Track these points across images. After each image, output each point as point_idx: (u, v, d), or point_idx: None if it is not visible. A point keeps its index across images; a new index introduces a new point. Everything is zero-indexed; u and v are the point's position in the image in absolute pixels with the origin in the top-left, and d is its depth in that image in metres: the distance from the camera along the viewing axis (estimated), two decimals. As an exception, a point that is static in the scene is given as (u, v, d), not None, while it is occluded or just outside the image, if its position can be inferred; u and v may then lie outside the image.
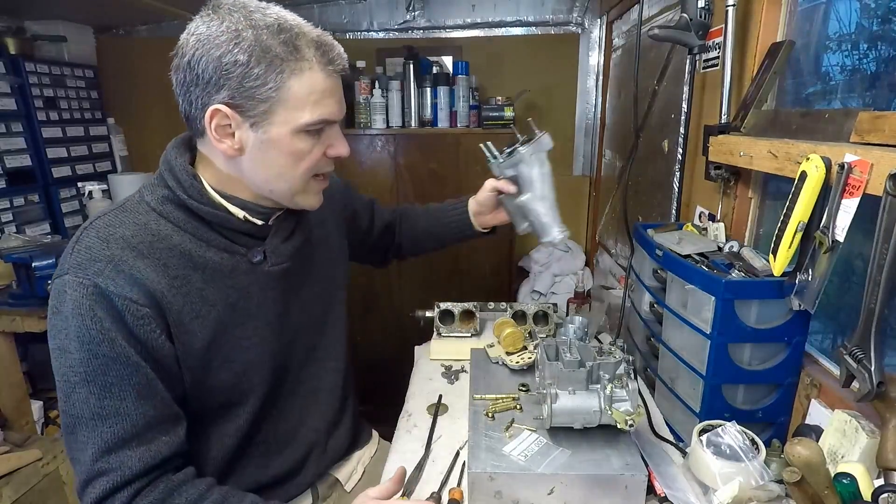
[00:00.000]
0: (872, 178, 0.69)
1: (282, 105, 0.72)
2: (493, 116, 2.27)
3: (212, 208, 0.78)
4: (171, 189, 0.78)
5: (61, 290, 0.71)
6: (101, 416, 0.69)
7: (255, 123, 0.73)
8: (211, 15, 0.71)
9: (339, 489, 1.05)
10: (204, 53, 0.69)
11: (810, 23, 1.05)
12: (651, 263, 1.13)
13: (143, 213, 0.77)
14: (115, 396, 0.70)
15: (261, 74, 0.70)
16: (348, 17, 2.66)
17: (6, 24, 2.36)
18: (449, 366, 1.27)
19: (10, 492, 1.45)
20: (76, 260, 0.71)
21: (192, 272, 0.77)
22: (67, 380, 0.70)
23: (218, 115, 0.72)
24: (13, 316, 1.72)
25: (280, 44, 0.70)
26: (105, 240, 0.73)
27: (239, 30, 0.69)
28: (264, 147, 0.75)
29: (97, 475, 0.69)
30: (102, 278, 0.70)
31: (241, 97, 0.71)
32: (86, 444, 0.69)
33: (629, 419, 0.81)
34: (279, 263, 0.86)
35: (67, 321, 0.69)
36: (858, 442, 0.72)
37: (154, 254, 0.74)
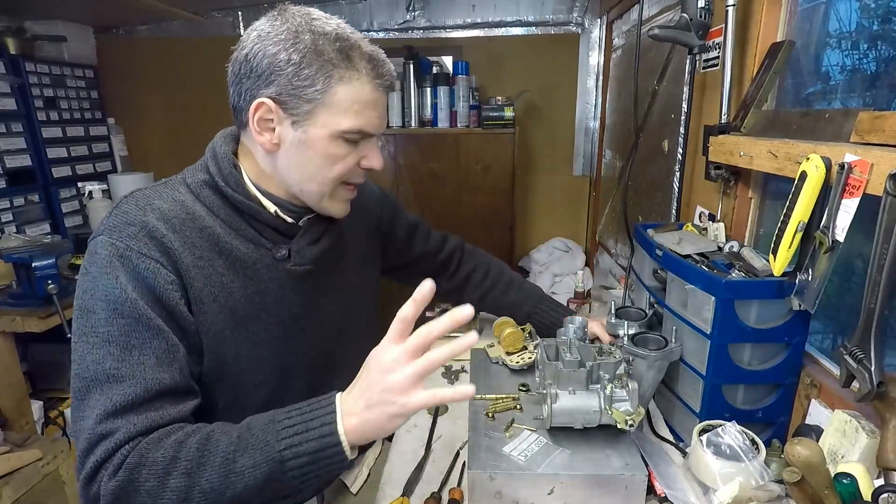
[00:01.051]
0: (872, 178, 0.69)
1: (325, 108, 0.75)
2: (493, 116, 2.27)
3: (245, 198, 0.81)
4: (211, 174, 0.81)
5: (93, 250, 0.73)
6: (117, 378, 0.68)
7: (296, 122, 0.76)
8: (276, 16, 0.76)
9: (345, 492, 1.05)
10: (261, 48, 0.73)
11: (810, 23, 1.05)
12: (651, 263, 1.13)
13: (181, 192, 0.81)
14: (134, 360, 0.69)
15: (310, 75, 0.73)
16: (348, 17, 2.66)
17: (6, 24, 2.36)
18: (449, 366, 1.27)
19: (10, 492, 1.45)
20: (112, 222, 0.74)
21: (217, 257, 0.79)
22: (87, 340, 0.69)
23: (262, 108, 0.75)
24: (13, 316, 1.72)
25: (335, 51, 0.74)
26: (142, 207, 0.76)
27: (298, 32, 0.73)
28: (301, 146, 0.78)
29: (100, 439, 0.66)
30: (135, 241, 0.72)
31: (287, 94, 0.74)
32: (93, 408, 0.67)
33: (629, 419, 0.81)
34: (302, 265, 0.86)
35: (95, 281, 0.71)
36: (858, 442, 0.72)
37: (184, 231, 0.77)
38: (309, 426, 0.65)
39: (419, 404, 0.64)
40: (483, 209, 2.40)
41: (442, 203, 2.40)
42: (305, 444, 0.64)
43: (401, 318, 0.68)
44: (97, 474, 0.66)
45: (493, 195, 2.38)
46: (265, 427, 0.66)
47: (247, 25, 2.70)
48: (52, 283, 1.69)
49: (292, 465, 0.64)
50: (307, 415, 0.66)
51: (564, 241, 2.76)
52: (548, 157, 2.79)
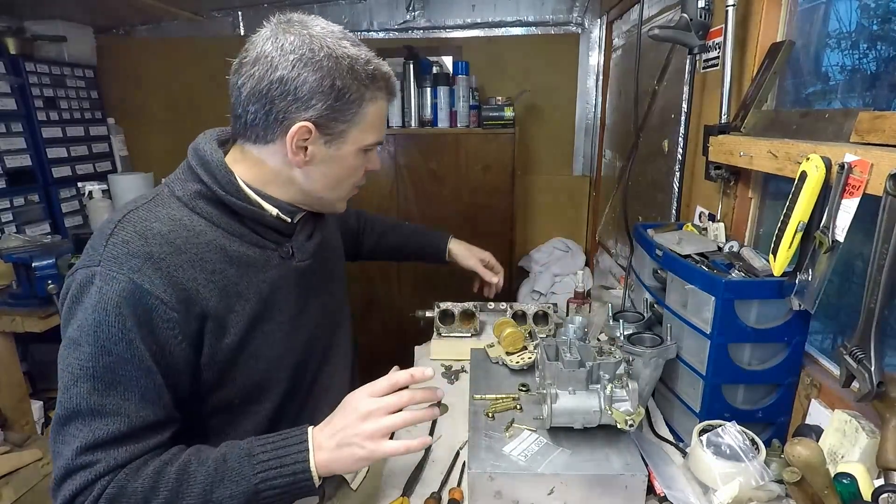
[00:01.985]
0: (872, 178, 0.69)
1: (356, 126, 0.80)
2: (493, 116, 2.27)
3: (247, 203, 0.81)
4: (204, 184, 0.79)
5: (87, 281, 0.70)
6: (100, 413, 0.68)
7: (329, 141, 0.80)
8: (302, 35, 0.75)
9: (345, 487, 1.05)
10: (302, 71, 0.74)
11: (810, 23, 1.05)
12: (651, 263, 1.13)
13: (175, 207, 0.78)
14: (119, 396, 0.69)
15: (351, 99, 0.77)
16: (348, 17, 2.66)
17: (6, 24, 2.36)
18: (449, 366, 1.27)
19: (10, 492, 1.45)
20: (112, 253, 0.71)
21: (228, 266, 0.79)
22: (72, 371, 0.68)
23: (302, 130, 0.76)
24: (13, 316, 1.72)
25: (368, 74, 0.78)
26: (143, 235, 0.73)
27: (339, 57, 0.75)
28: (330, 161, 0.82)
29: (78, 469, 0.67)
30: (139, 275, 0.70)
31: (327, 117, 0.77)
32: (74, 437, 0.68)
33: (629, 419, 0.81)
34: (305, 259, 0.90)
35: (86, 313, 0.68)
36: (858, 442, 0.72)
37: (191, 249, 0.75)
38: (283, 462, 0.71)
39: (386, 453, 0.72)
40: (483, 209, 2.40)
41: (442, 203, 2.40)
42: (280, 478, 0.70)
43: (392, 381, 0.76)
44: (74, 501, 0.67)
45: (493, 195, 2.38)
46: (241, 460, 0.71)
47: (247, 25, 2.70)
48: (52, 283, 1.69)
49: (266, 495, 0.70)
50: (281, 450, 0.72)
51: (564, 241, 2.76)
52: (548, 157, 2.79)
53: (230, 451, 0.72)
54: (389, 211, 2.41)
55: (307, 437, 0.73)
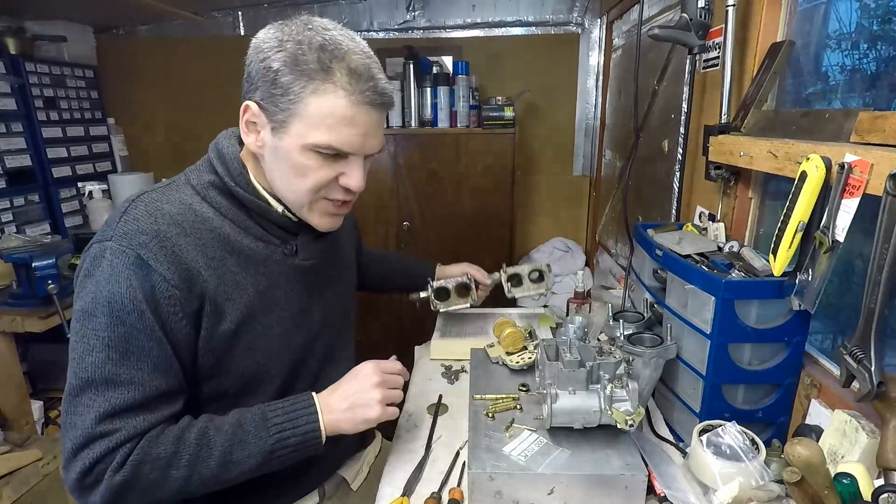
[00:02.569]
0: (872, 178, 0.69)
1: (298, 118, 0.75)
2: (493, 116, 2.27)
3: (255, 197, 0.83)
4: (218, 175, 0.82)
5: (99, 254, 0.73)
6: (115, 383, 0.71)
7: (274, 128, 0.77)
8: (277, 26, 0.78)
9: (345, 488, 1.06)
10: (255, 55, 0.77)
11: (810, 23, 1.05)
12: (651, 263, 1.13)
13: (187, 194, 0.82)
14: (133, 366, 0.72)
15: (286, 84, 0.73)
16: (348, 17, 2.66)
17: (6, 24, 2.36)
18: (449, 366, 1.27)
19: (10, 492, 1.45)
20: (123, 229, 0.74)
21: (228, 256, 0.81)
22: (87, 342, 0.71)
23: (248, 110, 0.78)
24: (13, 316, 1.72)
25: (314, 61, 0.73)
26: (152, 214, 0.76)
27: (284, 40, 0.74)
28: (276, 153, 0.79)
29: (98, 437, 0.70)
30: (146, 251, 0.73)
31: (268, 100, 0.76)
32: (90, 407, 0.70)
33: (629, 419, 0.81)
34: (308, 259, 0.90)
35: (99, 286, 0.72)
36: (858, 442, 0.72)
37: (195, 233, 0.78)
38: (296, 423, 0.79)
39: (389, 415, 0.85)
40: (483, 209, 2.40)
41: (442, 203, 2.40)
42: (293, 437, 0.78)
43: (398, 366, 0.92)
44: (94, 469, 0.70)
45: (493, 195, 2.38)
46: (257, 424, 0.78)
47: (247, 25, 2.71)
48: (52, 283, 1.69)
49: (279, 454, 0.78)
50: (292, 413, 0.80)
51: (564, 241, 2.76)
52: (548, 157, 2.79)
53: (243, 416, 0.78)
54: (389, 211, 2.41)
55: (314, 402, 0.81)
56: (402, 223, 2.42)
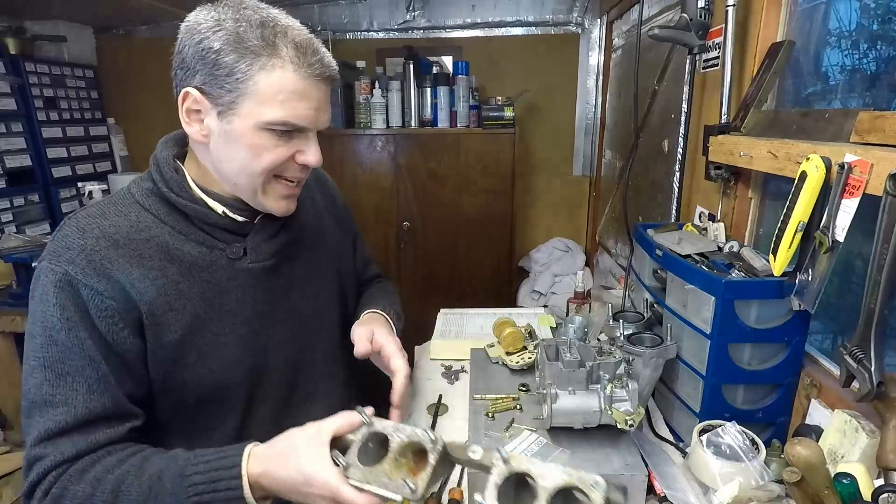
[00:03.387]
0: (872, 178, 0.69)
1: (248, 98, 0.72)
2: (493, 116, 2.28)
3: (189, 201, 0.79)
4: (154, 182, 0.80)
5: (37, 276, 0.74)
6: (52, 404, 0.71)
7: (221, 112, 0.73)
8: (208, 7, 0.74)
9: None
10: (188, 39, 0.72)
11: (810, 23, 1.05)
12: (651, 263, 1.13)
13: (126, 204, 0.80)
14: (68, 386, 0.71)
15: (230, 63, 0.70)
16: (348, 17, 2.66)
17: (6, 24, 2.36)
18: (449, 366, 1.27)
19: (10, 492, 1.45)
20: (53, 247, 0.74)
21: (169, 265, 0.78)
22: (28, 363, 0.73)
23: (188, 98, 0.74)
24: (13, 316, 1.72)
25: (257, 38, 0.71)
26: (82, 230, 0.75)
27: (222, 20, 0.71)
28: (227, 137, 0.75)
29: (35, 460, 0.71)
30: (73, 266, 0.72)
31: (211, 84, 0.72)
32: (34, 428, 0.71)
33: (629, 419, 0.81)
34: (260, 261, 0.85)
35: (35, 305, 0.73)
36: (858, 442, 0.72)
37: (130, 244, 0.76)
38: (217, 487, 0.67)
39: None
40: (483, 209, 2.40)
41: (442, 203, 2.40)
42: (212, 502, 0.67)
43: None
44: (33, 493, 0.72)
45: (493, 195, 2.38)
46: (175, 480, 0.68)
47: (247, 25, 2.70)
48: (51, 283, 1.69)
49: None
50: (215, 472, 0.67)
51: (564, 241, 2.76)
52: (548, 157, 2.79)
53: (167, 468, 0.69)
54: (389, 211, 2.42)
55: (241, 461, 0.67)
56: (402, 223, 2.42)
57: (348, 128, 2.36)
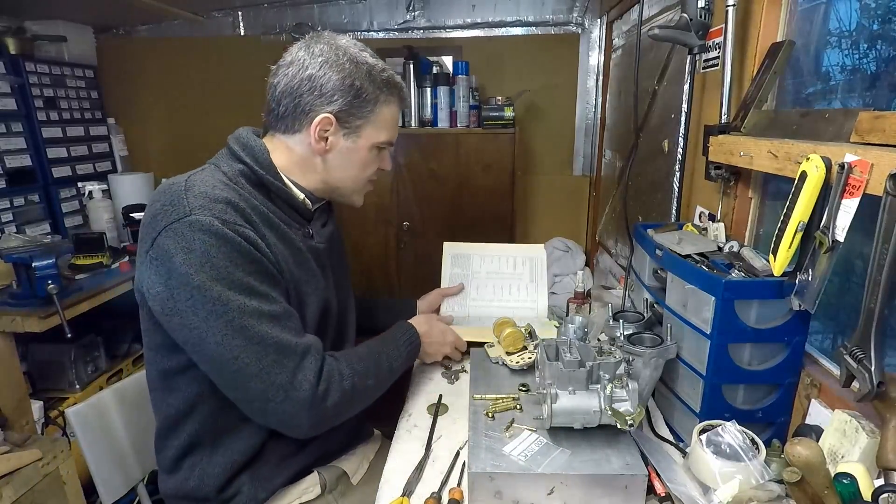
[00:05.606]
0: (872, 178, 0.69)
1: (371, 124, 0.95)
2: (493, 116, 2.27)
3: (282, 185, 0.95)
4: (247, 165, 0.92)
5: (188, 231, 0.79)
6: (274, 316, 0.84)
7: (347, 134, 0.95)
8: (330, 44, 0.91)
9: (346, 482, 1.07)
10: (328, 70, 0.89)
11: (810, 23, 1.05)
12: (651, 263, 1.13)
13: (224, 180, 0.90)
14: (276, 300, 0.87)
15: (368, 98, 0.93)
16: (348, 17, 2.66)
17: (6, 24, 2.36)
18: (449, 366, 1.27)
19: (10, 492, 1.45)
20: (197, 203, 0.82)
21: (268, 230, 0.90)
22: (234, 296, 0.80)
23: (324, 121, 0.91)
24: (13, 316, 1.71)
25: (383, 80, 0.94)
26: (213, 187, 0.86)
27: (358, 62, 0.91)
28: (348, 152, 0.96)
29: (304, 353, 0.86)
30: (228, 215, 0.83)
31: (347, 111, 0.92)
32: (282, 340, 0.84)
33: (629, 419, 0.81)
34: (322, 242, 1.04)
35: (210, 252, 0.79)
36: (858, 442, 0.72)
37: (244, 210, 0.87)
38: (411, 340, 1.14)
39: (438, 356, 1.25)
40: (483, 209, 2.40)
41: (442, 203, 2.40)
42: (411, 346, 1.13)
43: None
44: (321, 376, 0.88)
45: (493, 195, 2.38)
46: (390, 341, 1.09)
47: (247, 25, 2.70)
48: (52, 283, 1.69)
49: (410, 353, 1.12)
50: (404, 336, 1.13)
51: (564, 241, 2.75)
52: (548, 157, 2.79)
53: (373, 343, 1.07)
54: (389, 211, 2.41)
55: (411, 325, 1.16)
56: (402, 223, 2.42)
57: (348, 128, 2.36)
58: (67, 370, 1.96)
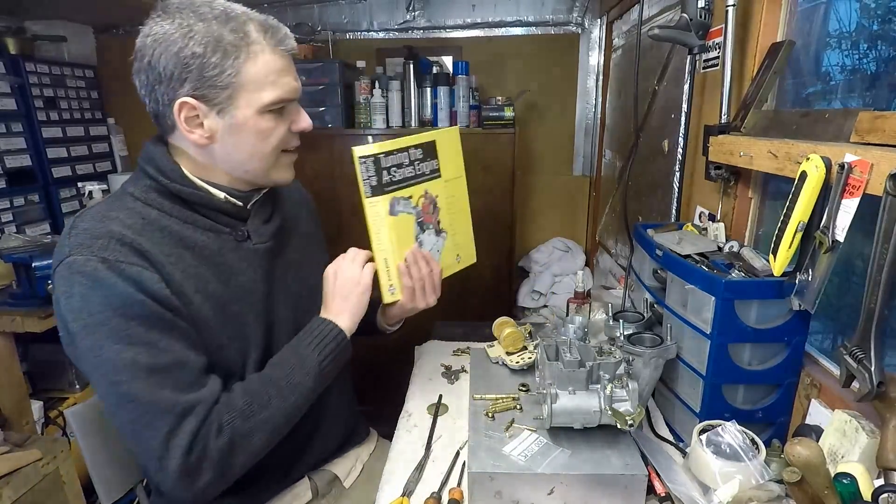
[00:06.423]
0: (872, 178, 0.69)
1: (242, 89, 0.77)
2: (493, 116, 2.27)
3: (194, 189, 0.82)
4: (152, 178, 0.82)
5: (68, 274, 0.72)
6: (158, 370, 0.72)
7: (221, 110, 0.78)
8: (162, 15, 0.75)
9: (339, 486, 1.05)
10: (163, 51, 0.74)
11: (810, 23, 1.05)
12: (651, 263, 1.13)
13: (129, 203, 0.81)
14: (165, 351, 0.73)
15: (218, 63, 0.74)
16: (348, 17, 2.66)
17: (6, 24, 2.36)
18: (449, 366, 1.27)
19: (10, 492, 1.45)
20: (77, 241, 0.73)
21: (184, 251, 0.80)
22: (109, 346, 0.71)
23: (185, 107, 0.76)
24: (13, 316, 1.71)
25: (230, 31, 0.75)
26: (100, 220, 0.76)
27: (190, 24, 0.74)
28: (233, 131, 0.79)
29: (182, 416, 0.72)
30: (109, 252, 0.72)
31: (203, 87, 0.75)
32: (151, 398, 0.71)
33: (629, 419, 0.81)
34: (262, 242, 0.90)
35: (87, 297, 0.71)
36: (858, 442, 0.72)
37: (146, 233, 0.77)
38: (325, 339, 0.88)
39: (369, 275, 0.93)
40: (483, 209, 2.39)
41: (442, 203, 2.40)
42: (328, 346, 0.88)
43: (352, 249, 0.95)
44: (194, 444, 0.73)
45: (493, 195, 2.38)
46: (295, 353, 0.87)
47: (247, 25, 2.70)
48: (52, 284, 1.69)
49: (325, 364, 0.87)
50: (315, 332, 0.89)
51: (564, 241, 2.76)
52: (548, 157, 2.79)
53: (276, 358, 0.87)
54: (389, 211, 2.41)
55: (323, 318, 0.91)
56: (402, 223, 2.42)
57: (348, 128, 2.35)
58: (67, 370, 1.96)
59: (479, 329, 1.38)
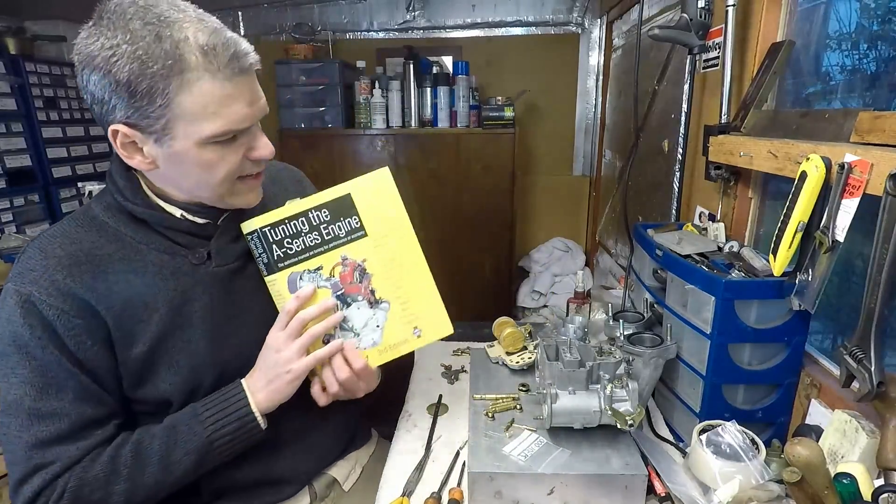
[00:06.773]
0: (872, 178, 0.69)
1: (178, 119, 0.68)
2: (493, 116, 2.28)
3: (146, 207, 0.78)
4: (111, 195, 0.79)
5: (3, 297, 0.74)
6: (40, 415, 0.72)
7: (157, 139, 0.70)
8: (92, 29, 0.66)
9: (338, 489, 1.05)
10: (90, 73, 0.66)
11: (810, 23, 1.05)
12: (651, 263, 1.13)
13: (87, 221, 0.79)
14: (53, 397, 0.72)
15: (144, 92, 0.65)
16: (348, 17, 2.66)
17: (6, 24, 2.36)
18: (449, 366, 1.27)
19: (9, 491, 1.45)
20: (17, 269, 0.75)
21: (133, 277, 0.76)
22: (7, 380, 0.72)
23: (118, 134, 0.71)
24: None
25: (161, 55, 0.64)
26: (43, 250, 0.75)
27: (115, 45, 0.64)
28: (174, 160, 0.72)
29: (34, 470, 0.71)
30: (36, 287, 0.72)
31: (134, 116, 0.68)
32: (22, 441, 0.72)
33: (629, 419, 0.81)
34: (225, 264, 0.83)
35: (4, 326, 0.72)
36: (858, 442, 0.72)
37: (92, 261, 0.75)
38: (227, 412, 0.78)
39: (305, 367, 0.80)
40: (483, 209, 2.40)
41: (442, 203, 2.40)
42: (227, 425, 0.78)
43: (285, 311, 0.81)
44: (37, 497, 0.72)
45: (493, 195, 2.38)
46: (189, 421, 0.77)
47: (246, 25, 2.70)
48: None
49: (218, 444, 0.77)
50: (222, 402, 0.79)
51: (564, 241, 2.76)
52: (548, 157, 2.79)
53: (175, 419, 0.78)
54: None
55: (242, 387, 0.80)
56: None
57: (348, 128, 2.36)
58: None
59: (478, 329, 1.38)
